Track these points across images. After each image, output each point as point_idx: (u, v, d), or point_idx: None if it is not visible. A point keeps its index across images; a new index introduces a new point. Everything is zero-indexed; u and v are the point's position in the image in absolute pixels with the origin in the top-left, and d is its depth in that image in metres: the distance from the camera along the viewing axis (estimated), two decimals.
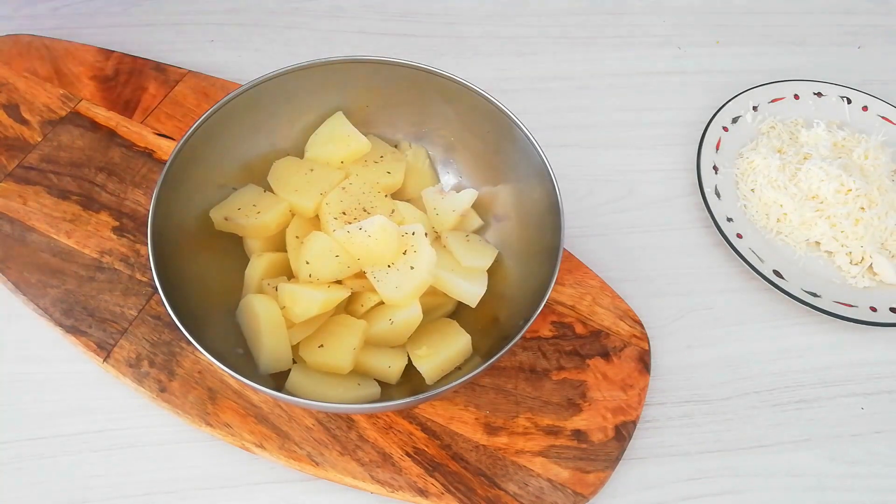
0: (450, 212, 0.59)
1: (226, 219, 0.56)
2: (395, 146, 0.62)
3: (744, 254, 0.65)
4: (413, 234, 0.54)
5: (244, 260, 0.57)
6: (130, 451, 0.54)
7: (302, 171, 0.58)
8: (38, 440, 0.54)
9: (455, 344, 0.53)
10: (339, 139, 0.60)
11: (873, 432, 0.59)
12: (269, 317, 0.52)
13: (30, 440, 0.54)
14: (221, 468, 0.54)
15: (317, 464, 0.53)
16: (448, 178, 0.63)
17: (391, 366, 0.53)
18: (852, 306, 0.63)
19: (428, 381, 0.53)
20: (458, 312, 0.58)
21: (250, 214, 0.56)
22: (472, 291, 0.55)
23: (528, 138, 0.54)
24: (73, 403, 0.56)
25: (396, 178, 0.60)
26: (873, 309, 0.64)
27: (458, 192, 0.61)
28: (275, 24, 0.82)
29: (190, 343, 0.46)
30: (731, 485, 0.56)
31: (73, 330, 0.57)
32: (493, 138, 0.58)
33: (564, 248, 0.62)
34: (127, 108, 0.70)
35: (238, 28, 0.81)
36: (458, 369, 0.54)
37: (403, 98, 0.60)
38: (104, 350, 0.56)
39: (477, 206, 0.61)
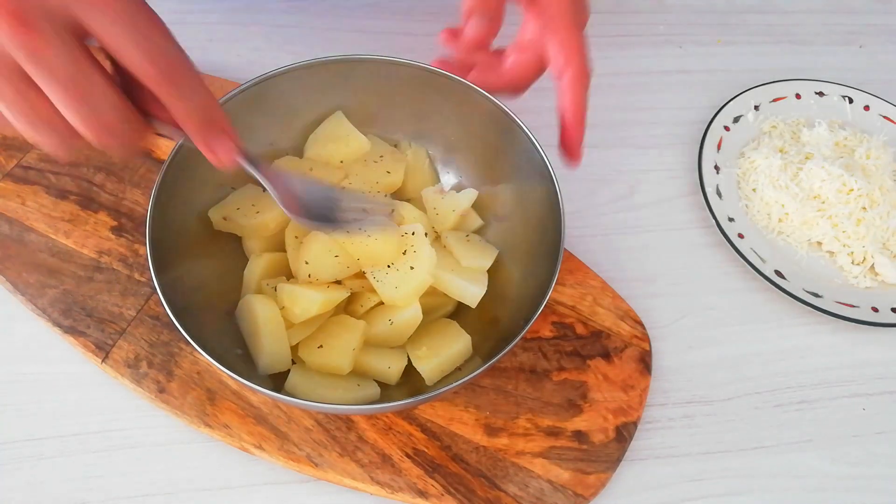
0: (450, 212, 0.58)
1: (224, 219, 0.56)
2: (395, 146, 0.62)
3: (745, 254, 0.65)
4: (413, 234, 0.54)
5: (243, 260, 0.56)
6: (129, 451, 0.54)
7: (301, 171, 0.58)
8: (37, 441, 0.54)
9: (455, 344, 0.53)
10: (338, 138, 0.59)
11: (875, 433, 0.59)
12: (268, 317, 0.51)
13: (28, 441, 0.54)
14: (220, 469, 0.53)
15: (316, 465, 0.52)
16: (448, 178, 0.63)
17: (391, 366, 0.53)
18: (854, 306, 0.63)
19: (428, 382, 0.52)
20: (458, 313, 0.58)
21: (249, 214, 0.55)
22: (472, 292, 0.54)
23: (530, 138, 0.54)
24: (72, 404, 0.55)
25: (396, 178, 0.60)
26: (875, 309, 0.63)
27: (458, 191, 0.61)
28: (274, 23, 0.82)
29: (189, 343, 0.45)
30: (733, 486, 0.55)
31: (71, 330, 0.57)
32: (494, 137, 0.58)
33: (565, 249, 0.62)
34: None
35: (237, 27, 0.80)
36: (459, 370, 0.53)
37: (403, 97, 0.60)
38: (102, 350, 0.56)
39: (477, 206, 0.60)
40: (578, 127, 0.51)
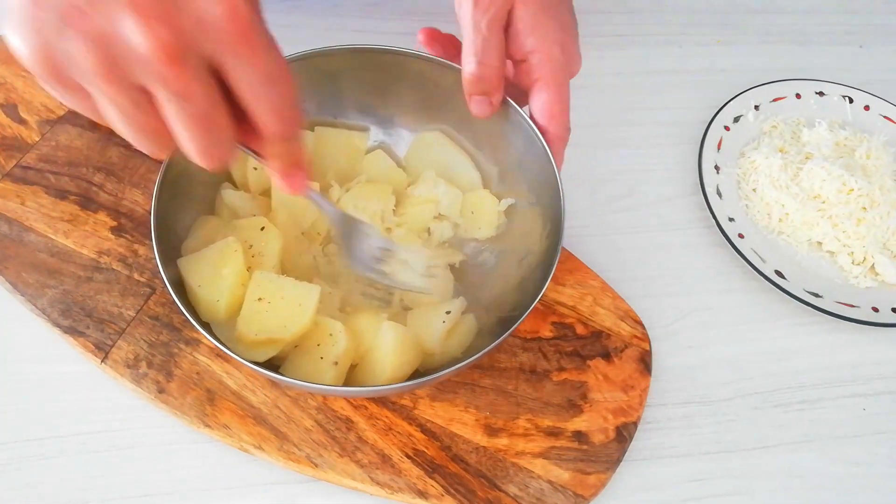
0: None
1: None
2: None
3: (745, 254, 0.65)
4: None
5: None
6: (128, 452, 0.54)
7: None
8: (36, 441, 0.54)
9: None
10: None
11: (875, 433, 0.59)
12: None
13: (28, 441, 0.54)
14: (220, 469, 0.53)
15: (316, 465, 0.52)
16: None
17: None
18: (854, 306, 0.63)
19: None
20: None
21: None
22: None
23: (536, 136, 0.53)
24: (71, 404, 0.55)
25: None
26: (875, 309, 0.63)
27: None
28: (274, 22, 0.81)
29: (190, 341, 0.45)
30: (733, 486, 0.55)
31: (70, 330, 0.57)
32: (505, 141, 0.57)
33: (565, 248, 0.62)
34: None
35: None
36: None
37: (403, 90, 0.60)
38: (102, 351, 0.56)
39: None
40: None
